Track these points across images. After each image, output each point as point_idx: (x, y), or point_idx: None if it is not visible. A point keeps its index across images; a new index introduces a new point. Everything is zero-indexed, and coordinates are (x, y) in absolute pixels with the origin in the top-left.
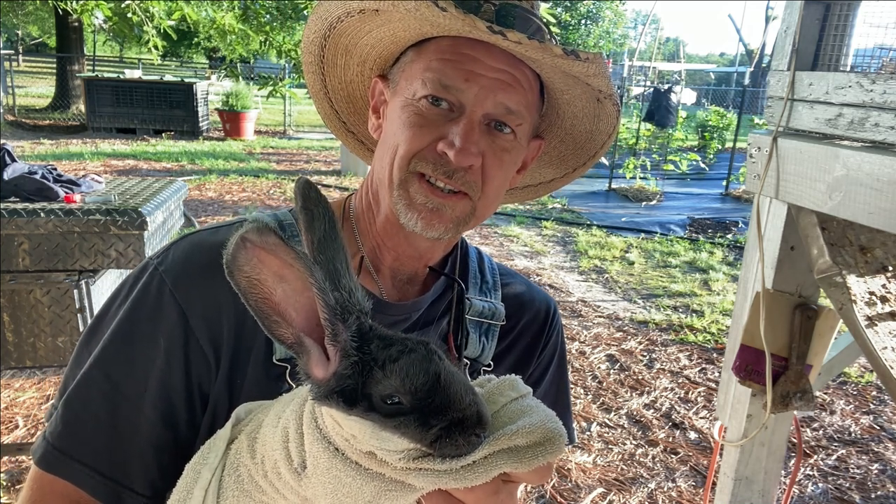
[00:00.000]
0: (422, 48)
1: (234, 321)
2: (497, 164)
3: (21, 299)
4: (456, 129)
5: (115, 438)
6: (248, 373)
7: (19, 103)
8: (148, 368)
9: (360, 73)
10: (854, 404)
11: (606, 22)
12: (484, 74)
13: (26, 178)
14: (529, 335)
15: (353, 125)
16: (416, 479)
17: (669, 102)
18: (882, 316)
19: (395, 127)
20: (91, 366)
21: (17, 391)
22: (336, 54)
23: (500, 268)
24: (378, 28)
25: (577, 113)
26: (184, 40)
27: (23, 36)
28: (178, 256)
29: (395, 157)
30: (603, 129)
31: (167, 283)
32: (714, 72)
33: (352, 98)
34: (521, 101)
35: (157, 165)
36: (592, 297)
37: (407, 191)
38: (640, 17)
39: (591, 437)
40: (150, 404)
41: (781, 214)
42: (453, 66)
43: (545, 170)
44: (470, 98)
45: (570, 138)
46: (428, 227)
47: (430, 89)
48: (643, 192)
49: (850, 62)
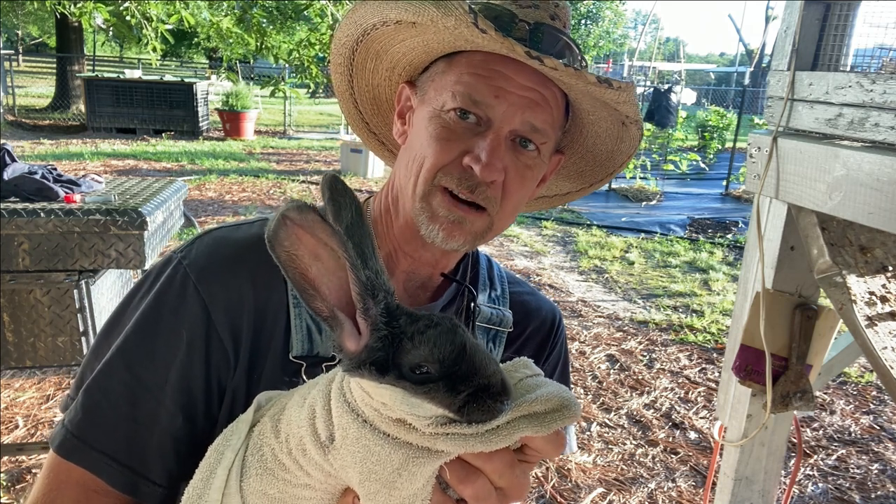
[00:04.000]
0: (453, 60)
1: (254, 316)
2: (519, 181)
3: (21, 299)
4: (483, 144)
5: (135, 428)
6: (266, 368)
7: (19, 103)
8: (169, 360)
9: (389, 77)
10: (854, 404)
11: (606, 22)
12: (514, 92)
13: (26, 178)
14: (535, 343)
15: (376, 126)
16: (444, 443)
17: (669, 102)
18: (882, 316)
19: (421, 138)
20: (113, 356)
21: (17, 391)
22: (366, 58)
23: (509, 275)
24: (412, 38)
25: (600, 133)
26: (184, 40)
27: (23, 36)
28: (203, 251)
29: (422, 170)
30: (625, 151)
31: (191, 277)
32: (714, 72)
33: (377, 101)
34: (548, 119)
35: (157, 165)
36: (592, 297)
37: (430, 203)
38: (640, 17)
39: (591, 437)
40: (170, 396)
41: (781, 214)
42: (485, 81)
43: (562, 183)
44: (498, 114)
45: (591, 156)
46: (448, 238)
47: (459, 102)
48: (643, 192)
49: (850, 62)
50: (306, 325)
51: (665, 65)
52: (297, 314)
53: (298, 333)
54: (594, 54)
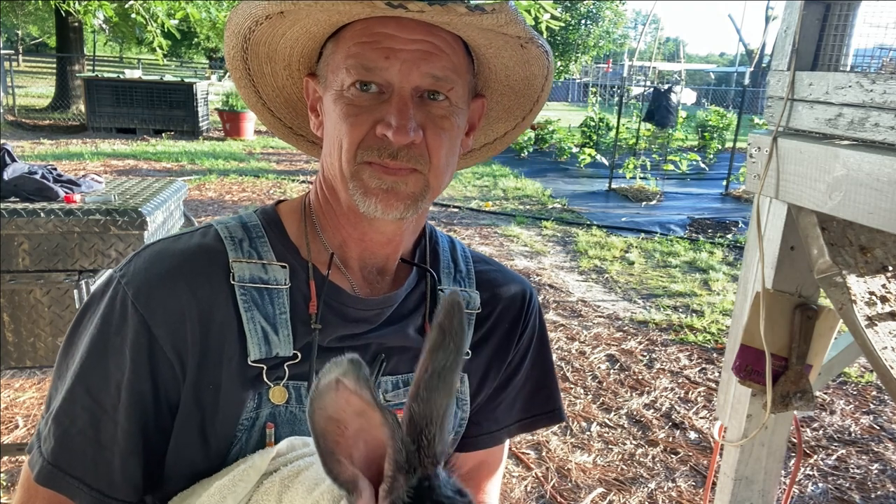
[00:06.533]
0: (338, 38)
1: (199, 327)
2: (438, 133)
3: (21, 299)
4: (389, 109)
5: (100, 451)
6: (222, 376)
7: (19, 103)
8: (119, 379)
9: (289, 76)
10: (854, 404)
11: (606, 22)
12: (403, 49)
13: (26, 178)
14: (506, 321)
15: (299, 128)
16: None
17: (669, 102)
18: (882, 316)
19: (333, 121)
20: (73, 382)
21: (17, 391)
22: (260, 63)
23: (474, 254)
24: (290, 29)
25: (506, 63)
26: (184, 40)
27: (23, 36)
28: (140, 267)
29: (342, 152)
30: (537, 73)
31: (129, 295)
32: (714, 72)
33: (290, 102)
34: (447, 65)
35: (157, 165)
36: (592, 297)
37: (361, 179)
38: (640, 17)
39: (591, 437)
40: (123, 414)
41: (781, 214)
42: (371, 47)
43: (496, 126)
44: (395, 75)
45: (509, 89)
46: (387, 207)
47: (354, 75)
48: (643, 192)
49: (850, 62)
50: (261, 327)
51: (665, 65)
52: (249, 318)
53: (254, 337)
54: (594, 54)
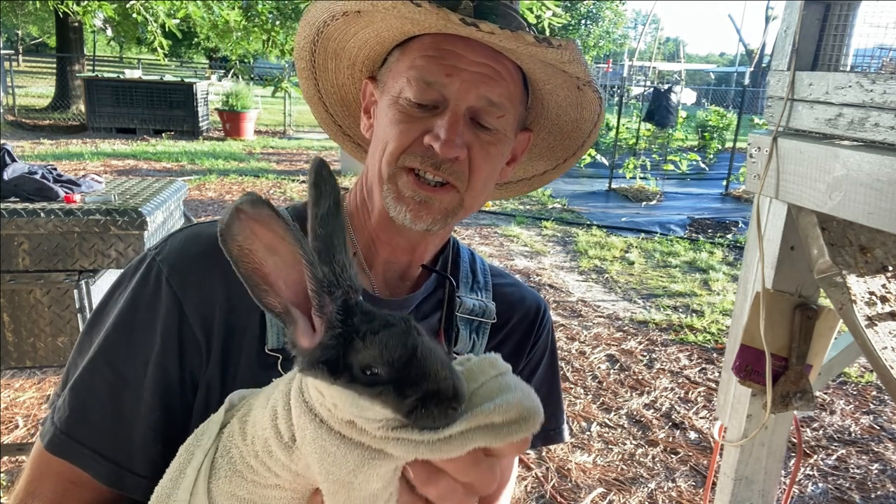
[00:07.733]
0: (406, 47)
1: (227, 310)
2: (483, 156)
3: (21, 299)
4: (441, 122)
5: (119, 423)
6: (241, 361)
7: (19, 103)
8: (147, 355)
9: (351, 76)
10: (854, 404)
11: (606, 22)
12: (466, 69)
13: (26, 178)
14: (519, 333)
15: (349, 128)
16: (394, 447)
17: (669, 102)
18: (882, 316)
19: (383, 125)
20: (95, 354)
21: (17, 391)
22: (326, 59)
23: (492, 268)
24: (363, 30)
25: (560, 102)
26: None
27: (23, 36)
28: (175, 246)
29: (385, 154)
30: (587, 118)
31: (164, 272)
32: (714, 72)
33: (345, 102)
34: (504, 92)
35: (157, 165)
36: (592, 297)
37: (396, 184)
38: (640, 17)
39: (591, 437)
40: (149, 389)
41: (781, 214)
42: (436, 62)
43: (537, 162)
44: (453, 92)
45: (557, 129)
46: (416, 218)
47: (414, 87)
48: (643, 192)
49: (850, 62)
50: None
51: (665, 65)
52: None
53: (273, 327)
54: (594, 54)
